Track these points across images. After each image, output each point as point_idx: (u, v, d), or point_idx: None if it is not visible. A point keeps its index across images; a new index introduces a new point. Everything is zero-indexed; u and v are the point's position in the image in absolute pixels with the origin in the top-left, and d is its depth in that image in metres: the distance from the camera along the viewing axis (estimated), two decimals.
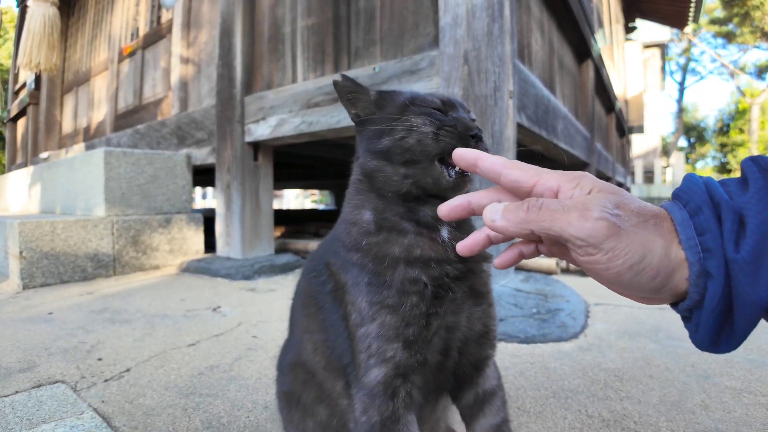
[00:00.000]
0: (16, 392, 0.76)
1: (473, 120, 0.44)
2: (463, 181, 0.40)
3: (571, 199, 0.27)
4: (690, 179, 0.28)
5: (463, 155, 0.33)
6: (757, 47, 14.99)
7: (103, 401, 0.74)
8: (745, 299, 0.24)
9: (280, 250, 2.39)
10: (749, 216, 0.25)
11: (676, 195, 0.28)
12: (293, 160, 3.97)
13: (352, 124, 0.47)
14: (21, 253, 1.63)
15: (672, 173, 9.67)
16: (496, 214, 0.29)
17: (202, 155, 2.33)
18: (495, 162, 0.31)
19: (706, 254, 0.25)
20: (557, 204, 0.27)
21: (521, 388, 0.79)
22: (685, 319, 0.28)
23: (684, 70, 19.41)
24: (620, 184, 6.53)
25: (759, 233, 0.24)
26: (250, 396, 0.76)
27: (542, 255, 0.33)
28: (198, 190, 14.07)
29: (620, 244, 0.25)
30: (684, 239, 0.26)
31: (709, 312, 0.25)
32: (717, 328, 0.26)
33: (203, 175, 3.13)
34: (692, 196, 0.27)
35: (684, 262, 0.26)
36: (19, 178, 3.01)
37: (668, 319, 1.19)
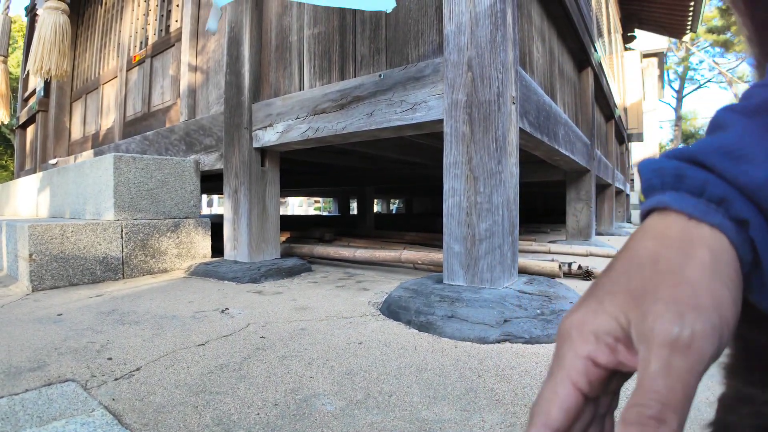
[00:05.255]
0: (26, 390, 0.77)
1: None
2: None
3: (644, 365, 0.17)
4: (645, 165, 0.21)
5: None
6: None
7: (113, 399, 0.75)
8: None
9: (286, 254, 2.40)
10: (749, 145, 0.19)
11: (647, 189, 0.21)
12: (298, 167, 4.00)
13: (357, 130, 0.46)
14: (31, 255, 1.65)
15: None
16: None
17: (210, 161, 2.36)
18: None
19: (723, 205, 0.19)
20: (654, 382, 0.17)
21: (527, 386, 0.80)
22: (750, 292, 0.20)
23: (682, 78, 19.48)
24: (619, 191, 6.54)
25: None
26: (260, 394, 0.77)
27: None
28: (204, 198, 14.13)
29: (694, 329, 0.16)
30: (692, 213, 0.19)
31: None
32: None
33: (209, 183, 3.17)
34: (663, 173, 0.20)
35: (720, 236, 0.18)
36: (29, 183, 3.05)
37: None
